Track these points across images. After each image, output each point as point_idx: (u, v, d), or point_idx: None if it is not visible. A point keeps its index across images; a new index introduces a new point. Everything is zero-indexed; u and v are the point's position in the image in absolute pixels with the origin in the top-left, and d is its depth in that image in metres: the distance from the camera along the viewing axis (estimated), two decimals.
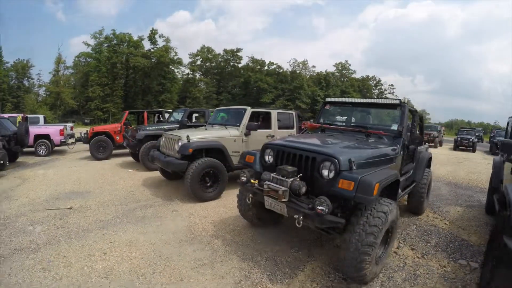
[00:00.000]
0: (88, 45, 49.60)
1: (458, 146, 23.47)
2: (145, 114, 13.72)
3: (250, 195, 4.16)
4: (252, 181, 4.10)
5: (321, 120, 5.99)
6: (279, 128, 8.44)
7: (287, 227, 5.13)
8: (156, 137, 9.69)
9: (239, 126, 7.50)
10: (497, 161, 6.19)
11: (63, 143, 13.69)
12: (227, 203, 6.46)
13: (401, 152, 4.67)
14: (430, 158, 6.44)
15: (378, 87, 79.09)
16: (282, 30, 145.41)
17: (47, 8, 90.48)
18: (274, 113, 8.44)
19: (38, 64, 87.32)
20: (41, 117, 17.48)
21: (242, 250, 4.31)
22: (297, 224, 3.31)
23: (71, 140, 14.87)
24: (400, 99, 5.02)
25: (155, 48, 51.45)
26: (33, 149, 12.94)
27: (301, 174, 3.70)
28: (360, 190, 3.14)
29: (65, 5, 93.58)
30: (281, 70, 64.50)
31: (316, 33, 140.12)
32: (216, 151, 6.97)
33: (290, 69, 66.43)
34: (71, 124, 17.78)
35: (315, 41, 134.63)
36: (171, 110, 15.30)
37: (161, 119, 14.69)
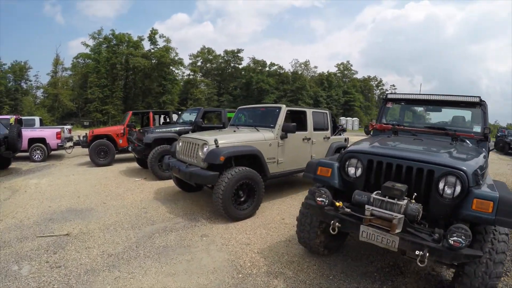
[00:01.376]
0: (87, 45, 48.09)
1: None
2: (151, 115, 12.38)
3: (337, 223, 2.99)
4: (337, 204, 3.00)
5: (383, 120, 5.11)
6: (314, 129, 7.17)
7: (350, 252, 4.00)
8: (167, 140, 8.53)
9: (273, 127, 6.19)
10: None
11: (60, 147, 12.36)
12: (265, 221, 5.25)
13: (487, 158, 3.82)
14: None
15: (379, 88, 78.78)
16: (280, 32, 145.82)
17: (46, 11, 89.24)
18: (309, 112, 7.18)
19: (36, 66, 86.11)
20: (36, 119, 16.15)
21: None
22: (419, 264, 2.53)
23: (69, 144, 13.53)
24: (479, 97, 4.36)
25: (156, 49, 50.09)
26: (27, 153, 11.69)
27: (416, 194, 2.82)
28: (501, 212, 2.44)
29: (63, 7, 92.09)
30: (283, 71, 64.11)
31: (315, 35, 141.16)
32: (248, 158, 5.66)
33: (292, 70, 66.42)
34: (69, 127, 16.39)
35: (313, 43, 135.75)
36: (179, 111, 13.90)
37: (167, 120, 13.38)
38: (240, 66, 63.85)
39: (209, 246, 4.20)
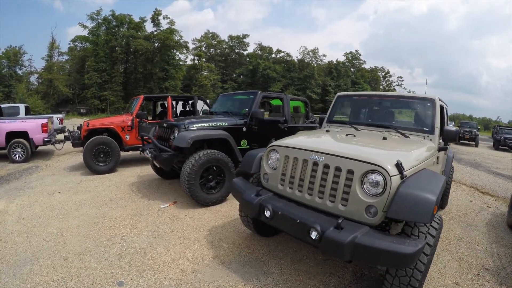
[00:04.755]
0: (85, 27, 44.78)
1: (501, 145, 21.97)
2: (169, 101, 9.30)
3: None
4: None
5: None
6: None
7: None
8: (214, 142, 5.67)
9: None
10: None
11: (47, 142, 9.39)
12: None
13: None
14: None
15: (386, 79, 76.54)
16: (281, 20, 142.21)
17: None
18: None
19: (32, 52, 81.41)
20: (21, 106, 13.11)
21: None
22: None
23: (59, 137, 10.62)
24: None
25: (159, 31, 46.71)
26: (6, 151, 8.95)
27: None
28: None
29: None
30: (290, 59, 62.74)
31: (316, 24, 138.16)
32: None
33: (299, 57, 64.72)
34: (60, 116, 13.33)
35: (314, 31, 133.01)
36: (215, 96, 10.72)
37: (189, 108, 10.43)
38: (245, 53, 62.41)
39: None
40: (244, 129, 6.08)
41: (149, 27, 47.91)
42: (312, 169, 2.97)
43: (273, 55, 63.21)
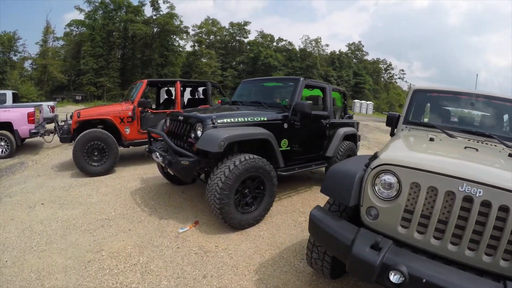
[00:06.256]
0: (81, 10, 42.73)
1: None
2: (178, 87, 7.90)
3: None
4: None
5: None
6: None
7: None
8: (247, 143, 4.25)
9: None
10: None
11: (34, 134, 7.97)
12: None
13: None
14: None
15: (387, 71, 75.93)
16: (281, 9, 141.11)
17: None
18: None
19: (27, 37, 78.59)
20: (8, 93, 11.62)
21: None
22: None
23: (49, 127, 9.20)
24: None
25: (158, 15, 44.87)
26: None
27: None
28: None
29: None
30: (291, 47, 61.52)
31: (316, 14, 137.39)
32: None
33: (301, 46, 63.32)
34: (51, 103, 11.78)
35: (314, 21, 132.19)
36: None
37: (198, 96, 9.06)
38: (246, 40, 60.72)
39: None
40: (286, 125, 4.73)
41: (148, 11, 46.13)
42: (462, 206, 1.89)
43: (274, 44, 61.55)
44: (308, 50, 62.39)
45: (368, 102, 49.32)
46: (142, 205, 4.68)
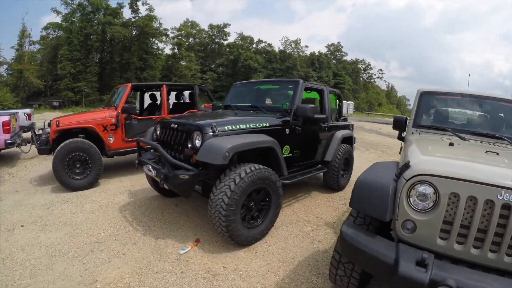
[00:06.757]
0: (58, 12, 41.42)
1: None
2: (164, 90, 7.52)
3: None
4: None
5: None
6: None
7: None
8: (249, 151, 3.85)
9: None
10: None
11: (10, 145, 7.39)
12: None
13: None
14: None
15: (366, 71, 78.51)
16: (260, 11, 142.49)
17: None
18: None
19: (1, 41, 75.62)
20: None
21: None
22: None
23: (26, 136, 8.63)
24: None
25: (137, 17, 43.98)
26: None
27: None
28: None
29: None
30: (271, 49, 62.17)
31: (294, 16, 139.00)
32: None
33: (281, 48, 64.22)
34: (27, 110, 11.04)
35: (292, 23, 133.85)
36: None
37: (184, 100, 8.72)
38: (225, 43, 60.99)
39: None
40: (287, 131, 4.43)
41: (127, 13, 45.03)
42: (500, 214, 1.94)
43: (254, 46, 61.76)
44: (287, 51, 63.16)
45: (349, 102, 50.04)
46: (134, 223, 4.28)
